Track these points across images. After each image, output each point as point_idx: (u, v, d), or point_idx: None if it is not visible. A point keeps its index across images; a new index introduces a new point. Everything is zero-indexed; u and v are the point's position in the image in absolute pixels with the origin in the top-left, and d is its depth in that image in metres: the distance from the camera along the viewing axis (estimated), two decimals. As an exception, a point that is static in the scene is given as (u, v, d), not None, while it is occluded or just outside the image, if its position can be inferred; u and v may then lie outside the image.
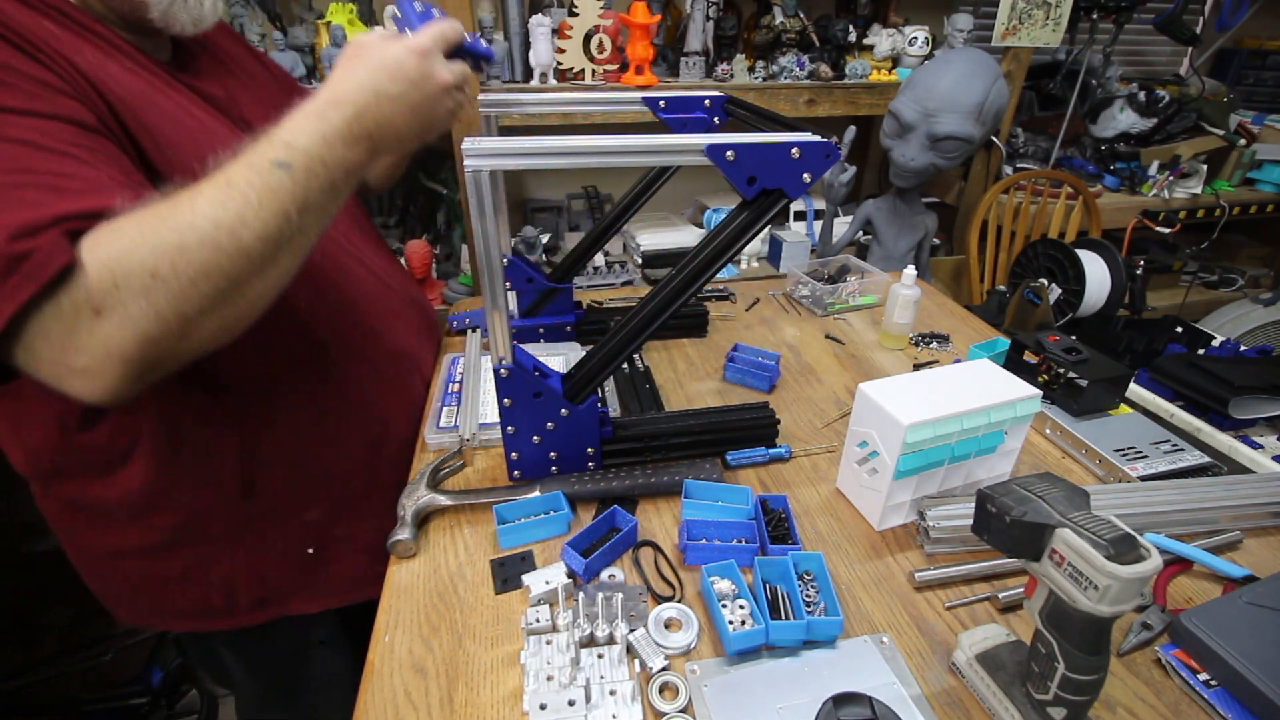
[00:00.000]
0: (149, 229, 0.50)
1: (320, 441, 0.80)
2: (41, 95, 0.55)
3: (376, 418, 0.86)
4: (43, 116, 0.54)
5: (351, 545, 0.86)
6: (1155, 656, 0.64)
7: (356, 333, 0.83)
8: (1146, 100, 2.26)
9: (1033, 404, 0.76)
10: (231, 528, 0.78)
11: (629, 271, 1.97)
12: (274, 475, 0.78)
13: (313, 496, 0.82)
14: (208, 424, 0.73)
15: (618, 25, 1.78)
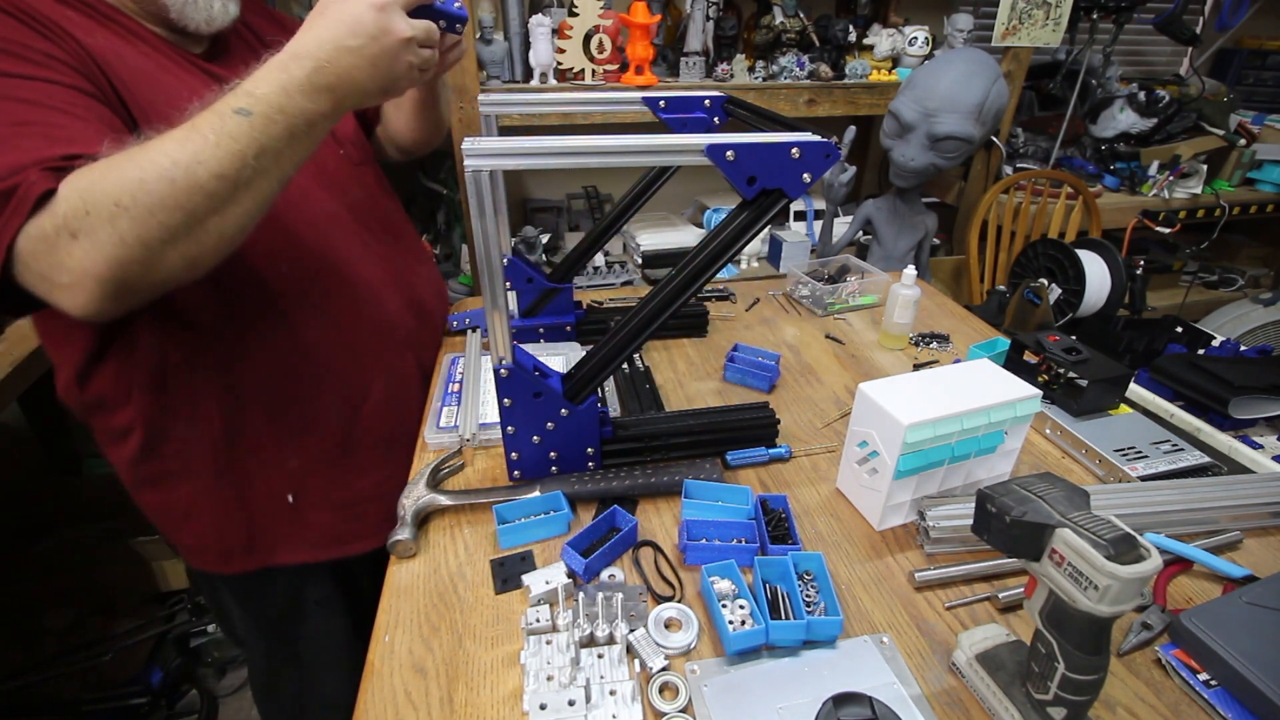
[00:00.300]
0: (117, 165, 0.57)
1: (296, 397, 0.86)
2: (47, 65, 0.63)
3: (354, 383, 0.90)
4: (45, 81, 0.63)
5: (328, 501, 0.92)
6: (1155, 656, 0.64)
7: (333, 303, 0.87)
8: (1146, 100, 2.26)
9: (1033, 404, 0.76)
10: (219, 466, 0.86)
11: (629, 271, 1.97)
12: (254, 422, 0.85)
13: (291, 446, 0.88)
14: (192, 370, 0.81)
15: (618, 25, 1.78)
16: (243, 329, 0.81)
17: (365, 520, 0.95)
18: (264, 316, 0.82)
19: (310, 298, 0.85)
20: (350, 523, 0.92)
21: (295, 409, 0.87)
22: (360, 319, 0.90)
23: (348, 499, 0.93)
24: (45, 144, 0.58)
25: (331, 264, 0.88)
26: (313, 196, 0.87)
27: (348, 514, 0.93)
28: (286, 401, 0.86)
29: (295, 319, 0.84)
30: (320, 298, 0.86)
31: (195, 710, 1.58)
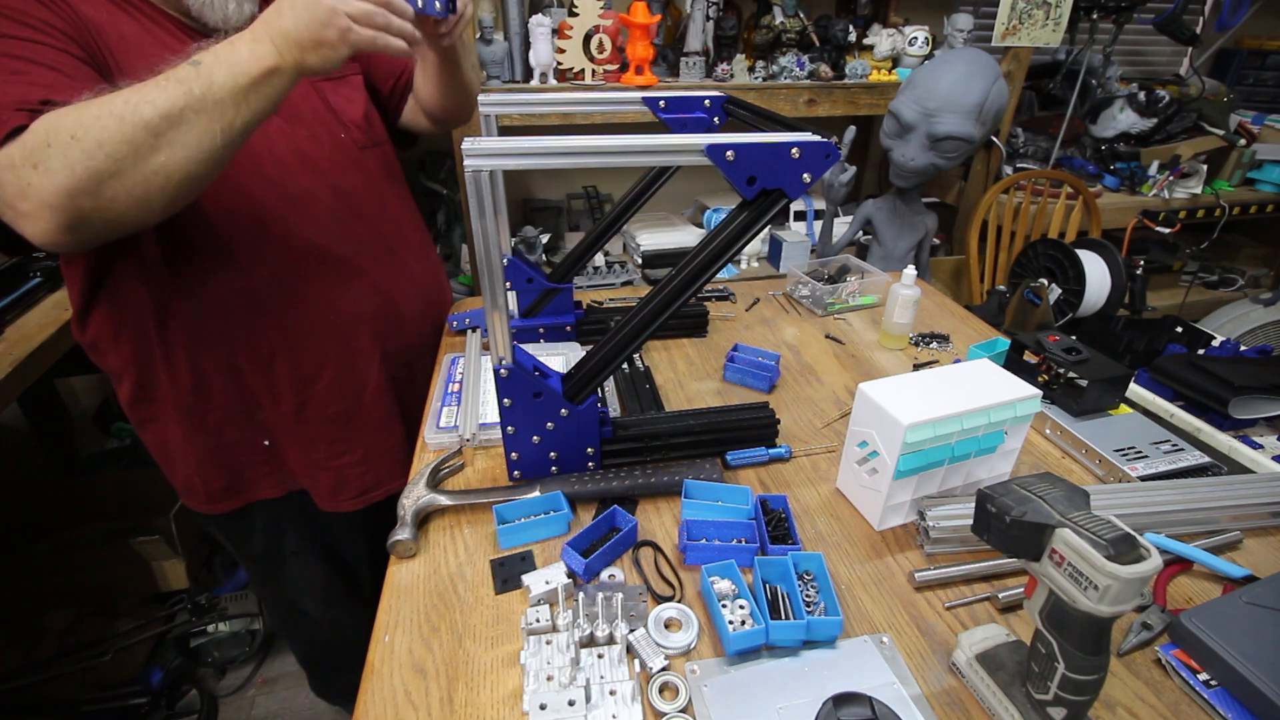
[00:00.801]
0: (80, 107, 0.64)
1: (254, 362, 0.93)
2: (42, 30, 0.71)
3: (307, 361, 0.96)
4: (38, 43, 0.70)
5: (302, 437, 1.00)
6: (1155, 656, 0.64)
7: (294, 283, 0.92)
8: (1146, 100, 2.26)
9: (1033, 404, 0.76)
10: (195, 415, 0.94)
11: (629, 271, 1.97)
12: (218, 385, 0.93)
13: (255, 404, 0.96)
14: (164, 325, 0.88)
15: (618, 25, 1.78)
16: (207, 292, 0.88)
17: (325, 480, 1.03)
18: (227, 283, 0.88)
19: (273, 273, 0.90)
20: (317, 474, 1.02)
21: (254, 376, 0.94)
22: (318, 305, 0.94)
23: (320, 434, 1.01)
24: (26, 89, 0.66)
25: (300, 245, 0.92)
26: (293, 175, 0.91)
27: (315, 466, 1.02)
28: (245, 370, 0.93)
29: (255, 299, 0.90)
30: (282, 282, 0.91)
31: (195, 710, 1.58)
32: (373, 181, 1.02)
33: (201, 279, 0.87)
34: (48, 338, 1.22)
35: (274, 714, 1.64)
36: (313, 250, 0.93)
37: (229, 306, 0.89)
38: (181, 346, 0.90)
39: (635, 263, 2.06)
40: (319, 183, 0.94)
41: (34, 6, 0.72)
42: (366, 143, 1.02)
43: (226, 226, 0.85)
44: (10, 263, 1.32)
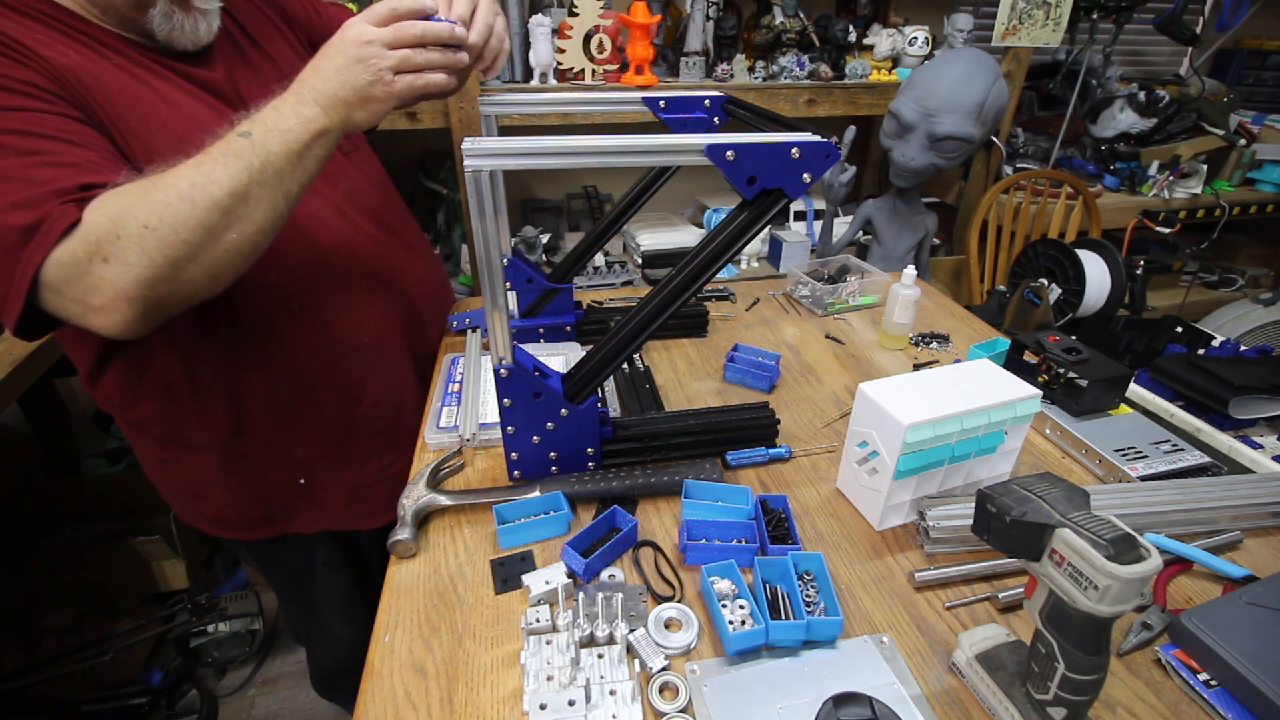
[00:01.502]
0: (142, 192, 0.62)
1: (296, 402, 0.91)
2: (31, 94, 0.65)
3: (349, 384, 0.94)
4: (34, 111, 0.64)
5: (337, 481, 0.98)
6: (1155, 656, 0.64)
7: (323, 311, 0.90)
8: (1146, 100, 2.26)
9: (1033, 404, 0.76)
10: (231, 458, 0.91)
11: (629, 271, 1.97)
12: (258, 420, 0.90)
13: (297, 439, 0.93)
14: (196, 377, 0.85)
15: (618, 25, 1.78)
16: (238, 345, 0.85)
17: (374, 500, 1.02)
18: (257, 332, 0.86)
19: (302, 308, 0.88)
20: (359, 503, 1.01)
21: (296, 412, 0.91)
22: (351, 323, 0.93)
23: (355, 481, 0.99)
24: (57, 173, 0.62)
25: (320, 272, 0.89)
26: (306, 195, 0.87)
27: (356, 495, 1.00)
28: (287, 406, 0.90)
29: (288, 332, 0.87)
30: (312, 307, 0.89)
31: (195, 710, 1.58)
32: (369, 185, 1.01)
33: (233, 322, 0.83)
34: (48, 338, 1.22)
35: (274, 714, 1.64)
36: (337, 266, 0.91)
37: (265, 344, 0.86)
38: (219, 391, 0.86)
39: (635, 263, 2.06)
40: (324, 201, 0.92)
41: (15, 69, 0.65)
42: (349, 148, 1.01)
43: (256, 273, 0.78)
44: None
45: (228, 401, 0.87)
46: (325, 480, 0.98)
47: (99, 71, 0.72)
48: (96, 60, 0.73)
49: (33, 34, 0.69)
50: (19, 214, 0.59)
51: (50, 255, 0.60)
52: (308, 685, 1.70)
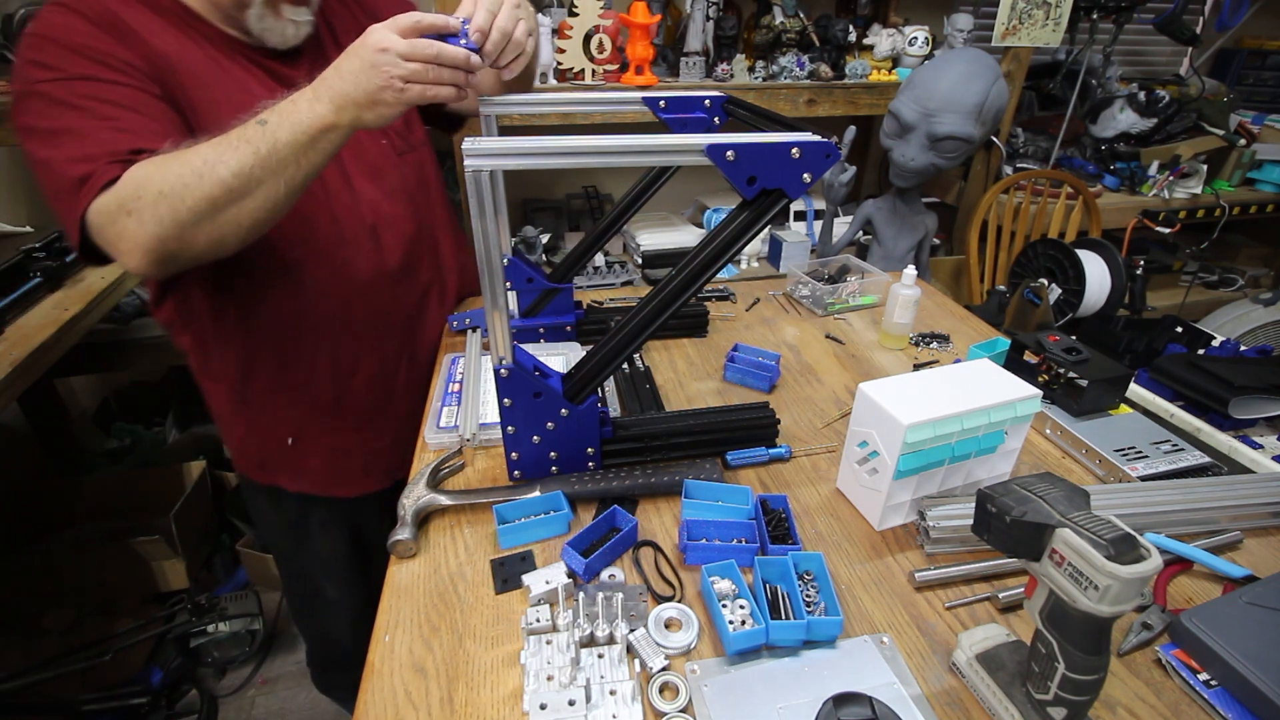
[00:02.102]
0: (164, 162, 0.73)
1: (297, 360, 1.01)
2: (123, 70, 0.79)
3: (346, 359, 1.03)
4: (122, 85, 0.78)
5: (319, 445, 1.08)
6: (1155, 656, 0.64)
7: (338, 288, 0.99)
8: (1146, 100, 2.26)
9: (1033, 404, 0.76)
10: (240, 399, 1.04)
11: (629, 271, 1.97)
12: (262, 371, 1.01)
13: (293, 397, 1.04)
14: (219, 321, 0.98)
15: (618, 25, 1.78)
16: (254, 303, 0.96)
17: (351, 467, 1.11)
18: (271, 295, 0.96)
19: (315, 284, 0.96)
20: (338, 468, 1.10)
21: (295, 369, 1.02)
22: (357, 307, 1.01)
23: (336, 446, 1.09)
24: (117, 138, 0.75)
25: (339, 256, 0.97)
26: (341, 190, 0.97)
27: (335, 459, 1.10)
28: (289, 362, 1.01)
29: (298, 302, 0.97)
30: (324, 286, 0.97)
31: (195, 710, 1.58)
32: (416, 186, 1.07)
33: (254, 289, 0.95)
34: (48, 338, 1.22)
35: (274, 714, 1.64)
36: (356, 254, 0.99)
37: (281, 312, 0.97)
38: (234, 338, 0.98)
39: (635, 263, 2.06)
40: (368, 190, 1.00)
41: (115, 47, 0.80)
42: (404, 148, 1.06)
43: (278, 244, 0.92)
44: (10, 262, 1.32)
45: (240, 349, 0.99)
46: (310, 444, 1.07)
47: (190, 58, 0.85)
48: (191, 48, 0.86)
49: (147, 21, 0.83)
50: (78, 166, 0.74)
51: (92, 203, 0.73)
52: (308, 685, 1.70)
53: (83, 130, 0.75)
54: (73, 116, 0.76)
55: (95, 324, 1.41)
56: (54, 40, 0.78)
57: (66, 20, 0.79)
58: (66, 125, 0.76)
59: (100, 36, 0.79)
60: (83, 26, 0.79)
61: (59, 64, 0.77)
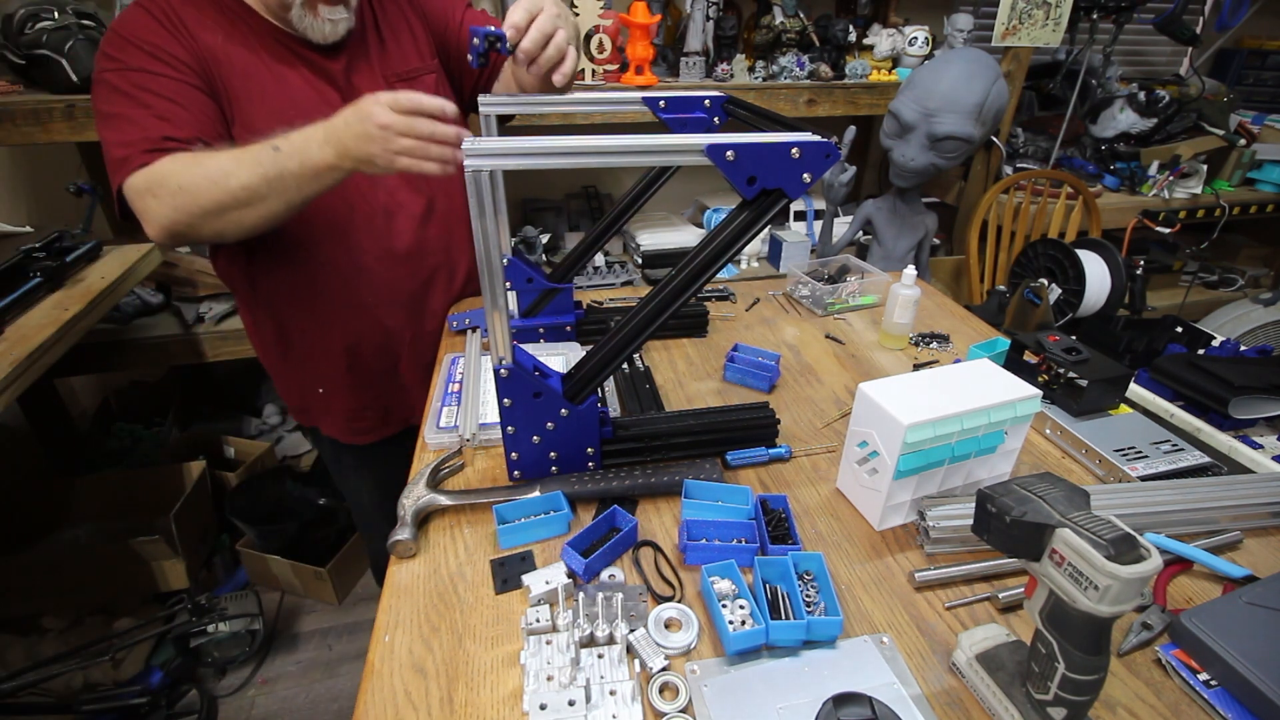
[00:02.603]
0: (190, 162, 0.86)
1: (315, 328, 1.14)
2: (174, 65, 0.91)
3: (353, 331, 1.15)
4: (171, 79, 0.91)
5: (339, 401, 1.22)
6: (1155, 656, 0.64)
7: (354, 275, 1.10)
8: (1146, 100, 2.26)
9: (1033, 404, 0.76)
10: (280, 349, 1.18)
11: (629, 271, 1.97)
12: (293, 333, 1.15)
13: (316, 356, 1.17)
14: (259, 282, 1.11)
15: (618, 25, 1.78)
16: (286, 274, 1.09)
17: (364, 422, 1.25)
18: (294, 262, 1.07)
19: (330, 258, 1.08)
20: (354, 422, 1.24)
21: (313, 334, 1.15)
22: (366, 284, 1.11)
23: (349, 405, 1.22)
24: (157, 126, 0.88)
25: (358, 241, 1.08)
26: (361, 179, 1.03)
27: (351, 416, 1.23)
28: (307, 327, 1.14)
29: (320, 282, 1.09)
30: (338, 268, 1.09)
31: (195, 710, 1.58)
32: (458, 191, 1.14)
33: (281, 265, 1.08)
34: (48, 338, 1.22)
35: (274, 714, 1.64)
36: (365, 239, 1.08)
37: (297, 282, 1.09)
38: (270, 299, 1.12)
39: (635, 263, 2.06)
40: (386, 180, 1.08)
41: (169, 42, 0.92)
42: None
43: (294, 234, 1.04)
44: (10, 262, 1.32)
45: (269, 310, 1.13)
46: (333, 396, 1.21)
47: (236, 52, 0.96)
48: (239, 42, 0.96)
49: (203, 17, 0.95)
50: (119, 149, 0.87)
51: (127, 180, 0.87)
52: (308, 685, 1.71)
53: (129, 116, 0.88)
54: (123, 103, 0.89)
55: (95, 324, 1.41)
56: (121, 35, 0.91)
57: (135, 16, 0.93)
58: (119, 111, 0.89)
59: (159, 32, 0.92)
60: (147, 22, 0.92)
61: (120, 56, 0.91)
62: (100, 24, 1.59)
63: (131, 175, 0.86)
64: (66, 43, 1.52)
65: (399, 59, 1.10)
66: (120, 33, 0.92)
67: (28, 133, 1.54)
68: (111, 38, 0.92)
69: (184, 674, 1.65)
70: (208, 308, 1.85)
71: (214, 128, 0.93)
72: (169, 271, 1.82)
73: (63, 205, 1.88)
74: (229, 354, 1.85)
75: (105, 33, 0.93)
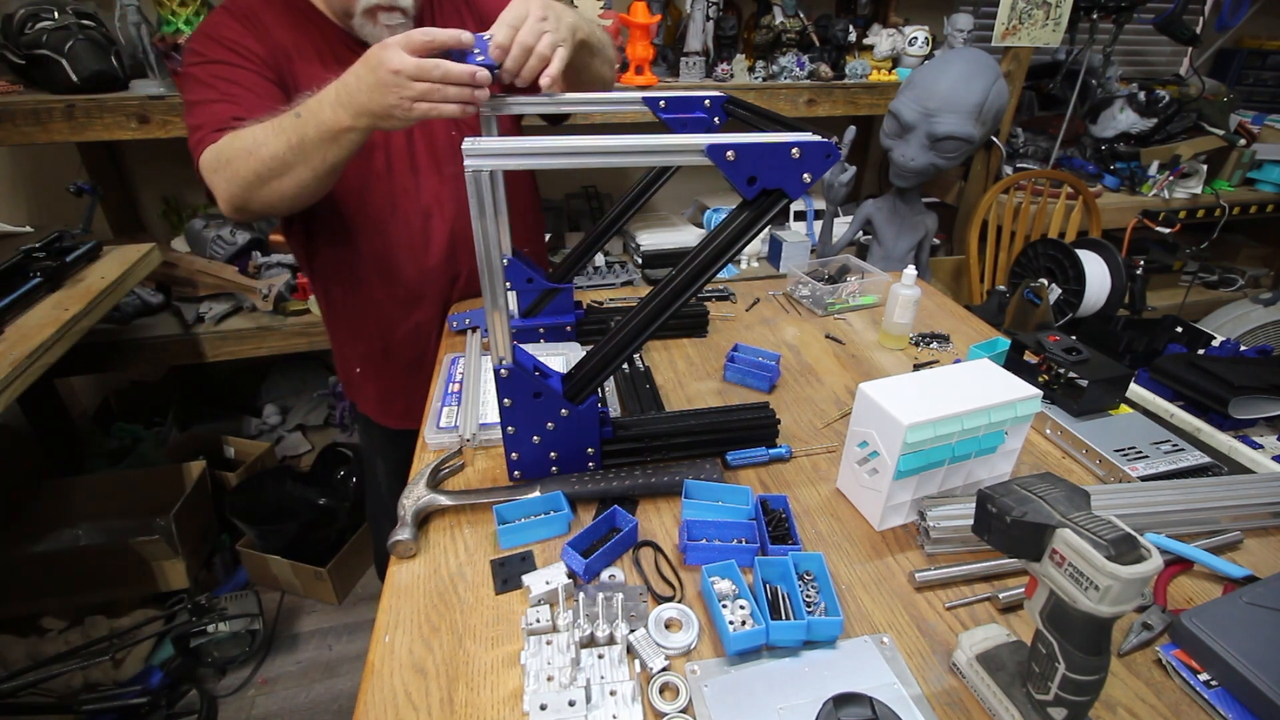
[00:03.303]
0: (234, 136, 0.92)
1: (356, 313, 1.23)
2: (250, 59, 1.00)
3: (387, 320, 1.22)
4: (246, 70, 0.99)
5: (375, 381, 1.30)
6: (1156, 657, 0.64)
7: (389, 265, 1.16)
8: (1146, 100, 2.26)
9: (1033, 404, 0.76)
10: (332, 332, 1.30)
11: (629, 271, 1.97)
12: (340, 311, 1.25)
13: (357, 336, 1.26)
14: (315, 260, 1.21)
15: (618, 25, 1.78)
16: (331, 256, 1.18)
17: (396, 405, 1.31)
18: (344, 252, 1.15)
19: (373, 251, 1.14)
20: (387, 403, 1.31)
21: (356, 320, 1.24)
22: (401, 278, 1.17)
23: (385, 386, 1.29)
24: (228, 109, 0.96)
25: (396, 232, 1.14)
26: (404, 172, 1.12)
27: (384, 396, 1.31)
28: (352, 307, 1.22)
29: (360, 260, 1.16)
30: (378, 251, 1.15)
31: (195, 710, 1.58)
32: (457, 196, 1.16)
33: (328, 247, 1.16)
34: (47, 338, 1.22)
35: (274, 714, 1.64)
36: (404, 235, 1.14)
37: (344, 268, 1.17)
38: (320, 284, 1.23)
39: (635, 263, 2.06)
40: (429, 182, 1.13)
41: (247, 38, 1.01)
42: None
43: (345, 214, 1.12)
44: (10, 262, 1.32)
45: (327, 288, 1.23)
46: (369, 376, 1.29)
47: (306, 51, 1.05)
48: (309, 41, 1.05)
49: (278, 17, 1.04)
50: (195, 133, 0.96)
51: (201, 160, 0.95)
52: (308, 685, 1.71)
53: (206, 103, 0.97)
54: (201, 91, 0.98)
55: (95, 324, 1.41)
56: (205, 32, 1.02)
57: (219, 17, 1.03)
58: (197, 98, 0.98)
59: (238, 30, 1.01)
60: (229, 21, 1.01)
61: (203, 51, 1.00)
62: (100, 24, 1.60)
63: (203, 155, 0.95)
64: (66, 43, 1.52)
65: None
66: (205, 30, 1.02)
67: (28, 133, 1.54)
68: (197, 35, 1.02)
69: (184, 674, 1.65)
70: (208, 308, 1.85)
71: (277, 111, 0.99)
72: (169, 271, 1.82)
73: (63, 205, 1.88)
74: (229, 354, 1.85)
75: (193, 32, 1.07)
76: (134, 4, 1.61)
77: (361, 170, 1.08)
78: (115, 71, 1.58)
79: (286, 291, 1.90)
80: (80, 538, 1.81)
